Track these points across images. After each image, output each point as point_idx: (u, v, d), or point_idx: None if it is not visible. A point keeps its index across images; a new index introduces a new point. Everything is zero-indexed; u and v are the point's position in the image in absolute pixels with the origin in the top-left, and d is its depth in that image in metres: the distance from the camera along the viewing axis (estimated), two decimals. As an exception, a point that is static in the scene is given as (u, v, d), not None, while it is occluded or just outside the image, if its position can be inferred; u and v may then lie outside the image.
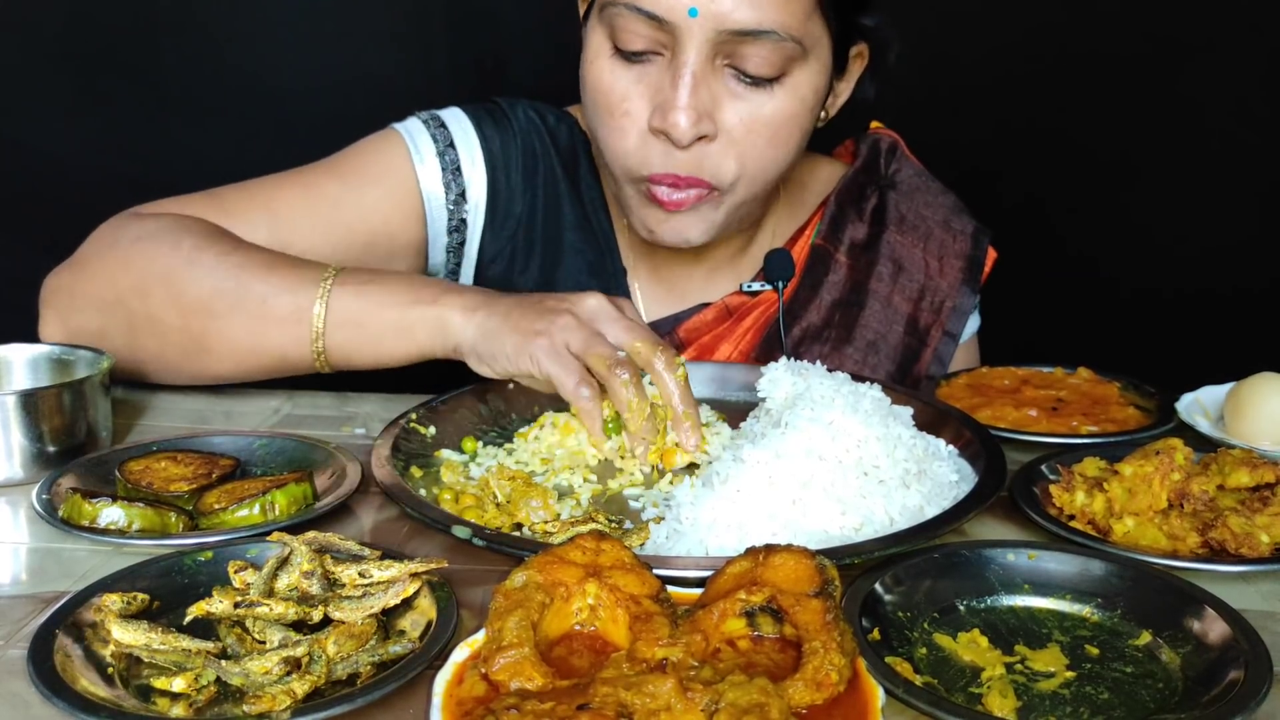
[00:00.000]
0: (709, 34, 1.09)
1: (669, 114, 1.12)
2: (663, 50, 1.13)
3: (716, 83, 1.13)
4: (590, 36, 1.18)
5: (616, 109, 1.16)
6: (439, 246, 1.32)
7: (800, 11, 1.11)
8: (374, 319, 1.09)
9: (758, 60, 1.11)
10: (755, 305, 1.34)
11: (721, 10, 1.08)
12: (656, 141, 1.15)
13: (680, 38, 1.10)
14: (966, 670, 0.73)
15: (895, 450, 0.94)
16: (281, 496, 0.92)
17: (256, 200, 1.25)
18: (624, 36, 1.13)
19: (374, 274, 1.13)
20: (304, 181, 1.27)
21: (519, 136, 1.33)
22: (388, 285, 1.11)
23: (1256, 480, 0.94)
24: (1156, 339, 1.94)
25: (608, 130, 1.18)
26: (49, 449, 1.01)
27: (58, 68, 1.89)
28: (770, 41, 1.10)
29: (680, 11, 1.09)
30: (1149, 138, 1.95)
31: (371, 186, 1.28)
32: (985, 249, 1.40)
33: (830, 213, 1.38)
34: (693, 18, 1.08)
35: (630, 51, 1.14)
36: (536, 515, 0.94)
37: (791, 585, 0.71)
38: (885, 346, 1.36)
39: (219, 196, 1.25)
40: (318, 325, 1.09)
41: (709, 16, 1.08)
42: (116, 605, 0.74)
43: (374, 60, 1.90)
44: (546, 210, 1.34)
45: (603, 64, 1.16)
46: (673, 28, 1.10)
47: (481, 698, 0.65)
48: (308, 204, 1.25)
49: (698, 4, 1.08)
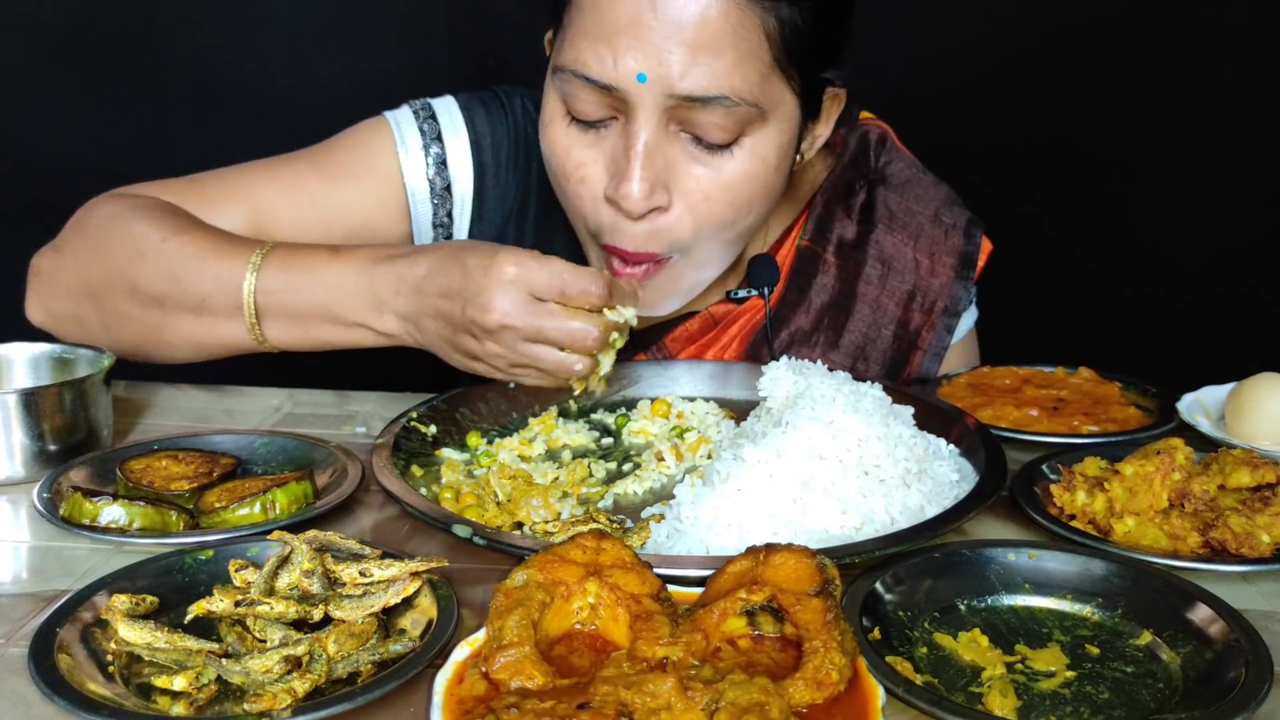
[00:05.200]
0: (659, 100, 1.05)
1: (620, 185, 1.08)
2: (617, 114, 1.09)
3: (672, 148, 1.09)
4: (547, 97, 1.15)
5: (573, 175, 1.13)
6: (425, 240, 1.30)
7: (754, 74, 1.06)
8: (309, 325, 1.11)
9: (711, 126, 1.07)
10: (741, 313, 1.32)
11: (669, 74, 1.04)
12: (608, 210, 1.12)
13: (632, 104, 1.06)
14: (967, 670, 0.73)
15: (896, 449, 0.93)
16: (282, 495, 0.92)
17: (237, 189, 1.24)
18: (575, 104, 1.09)
19: (294, 269, 1.10)
20: (286, 173, 1.25)
21: (513, 129, 1.31)
22: (310, 292, 1.09)
23: (1257, 480, 0.94)
24: (1157, 339, 1.95)
25: (564, 194, 1.16)
26: (50, 447, 1.02)
27: (59, 66, 1.89)
28: (722, 107, 1.05)
29: (629, 78, 1.04)
30: (1149, 139, 1.95)
31: (354, 181, 1.26)
32: (979, 242, 1.35)
33: (816, 212, 1.34)
34: (641, 83, 1.04)
35: (584, 120, 1.11)
36: (537, 514, 0.94)
37: (792, 584, 0.71)
38: (874, 350, 1.33)
39: (199, 182, 1.25)
40: (250, 318, 1.11)
41: (657, 81, 1.04)
42: (125, 606, 0.74)
43: (375, 57, 1.90)
44: (538, 206, 1.32)
45: (558, 128, 1.13)
46: (623, 93, 1.06)
47: (482, 696, 0.65)
48: (288, 197, 1.24)
49: (646, 69, 1.03)
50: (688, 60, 1.03)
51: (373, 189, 1.27)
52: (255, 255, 1.11)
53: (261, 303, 1.10)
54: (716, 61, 1.04)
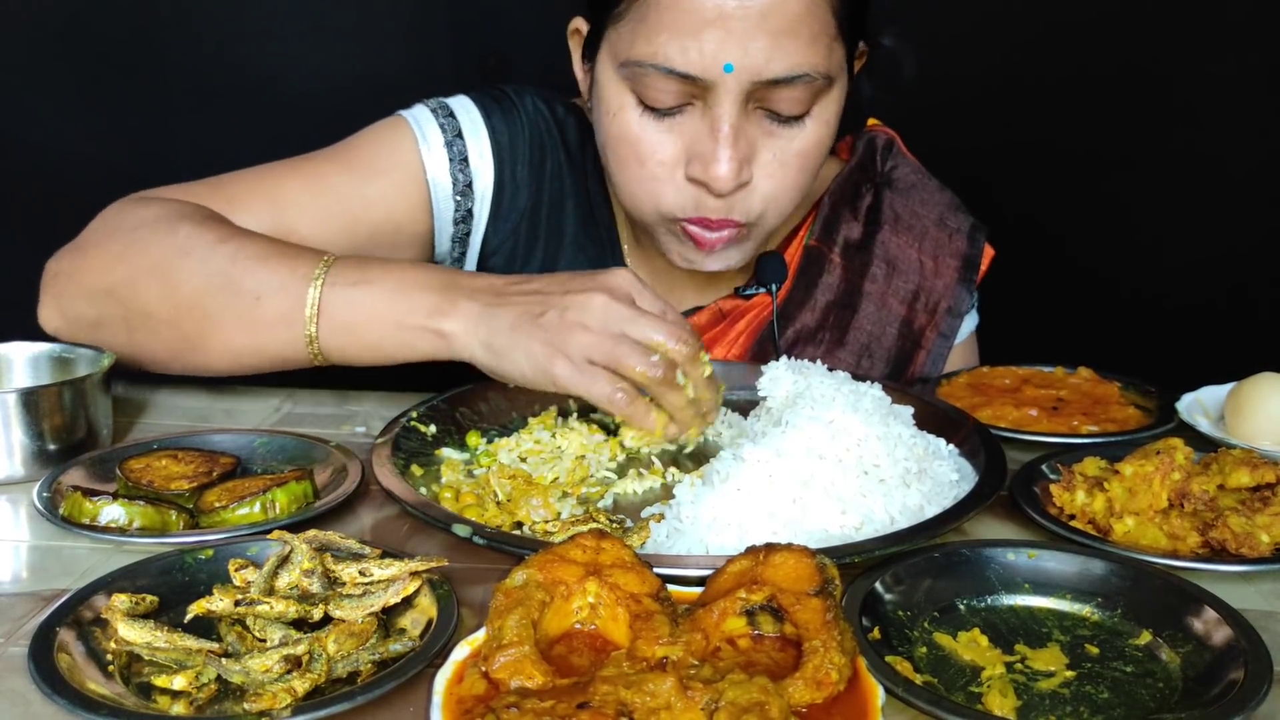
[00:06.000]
0: (744, 86, 1.08)
1: (710, 167, 1.11)
2: (694, 101, 1.11)
3: (752, 127, 1.13)
4: (608, 87, 1.16)
5: (649, 159, 1.15)
6: (445, 236, 1.31)
7: (824, 48, 1.11)
8: (368, 330, 1.06)
9: (789, 101, 1.11)
10: (749, 308, 1.34)
11: (756, 63, 1.07)
12: (691, 188, 1.14)
13: (715, 92, 1.09)
14: (966, 669, 0.73)
15: (895, 449, 0.94)
16: (282, 495, 0.92)
17: (260, 188, 1.23)
18: (653, 95, 1.11)
19: (366, 271, 1.08)
20: (309, 170, 1.25)
21: (527, 128, 1.32)
22: (381, 289, 1.06)
23: (1257, 480, 0.94)
24: (1157, 339, 1.94)
25: (637, 179, 1.17)
26: (50, 447, 1.01)
27: (59, 64, 1.89)
28: (802, 84, 1.10)
29: (715, 69, 1.07)
30: (1149, 139, 1.95)
31: (378, 177, 1.26)
32: (982, 247, 1.38)
33: (824, 213, 1.36)
34: (728, 73, 1.07)
35: (661, 109, 1.12)
36: (537, 514, 0.94)
37: (792, 584, 0.71)
38: (879, 348, 1.35)
39: (222, 184, 1.24)
40: (310, 329, 1.06)
41: (744, 70, 1.07)
42: (125, 605, 0.74)
43: (376, 58, 1.90)
44: (551, 203, 1.33)
45: (629, 117, 1.14)
46: (707, 83, 1.09)
47: (482, 696, 0.65)
48: (312, 194, 1.23)
49: (732, 59, 1.06)
50: (771, 46, 1.07)
51: (396, 184, 1.27)
52: (328, 257, 1.09)
53: (326, 299, 1.06)
54: (796, 42, 1.08)
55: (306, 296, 1.06)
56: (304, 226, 1.22)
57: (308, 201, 1.23)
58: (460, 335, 1.03)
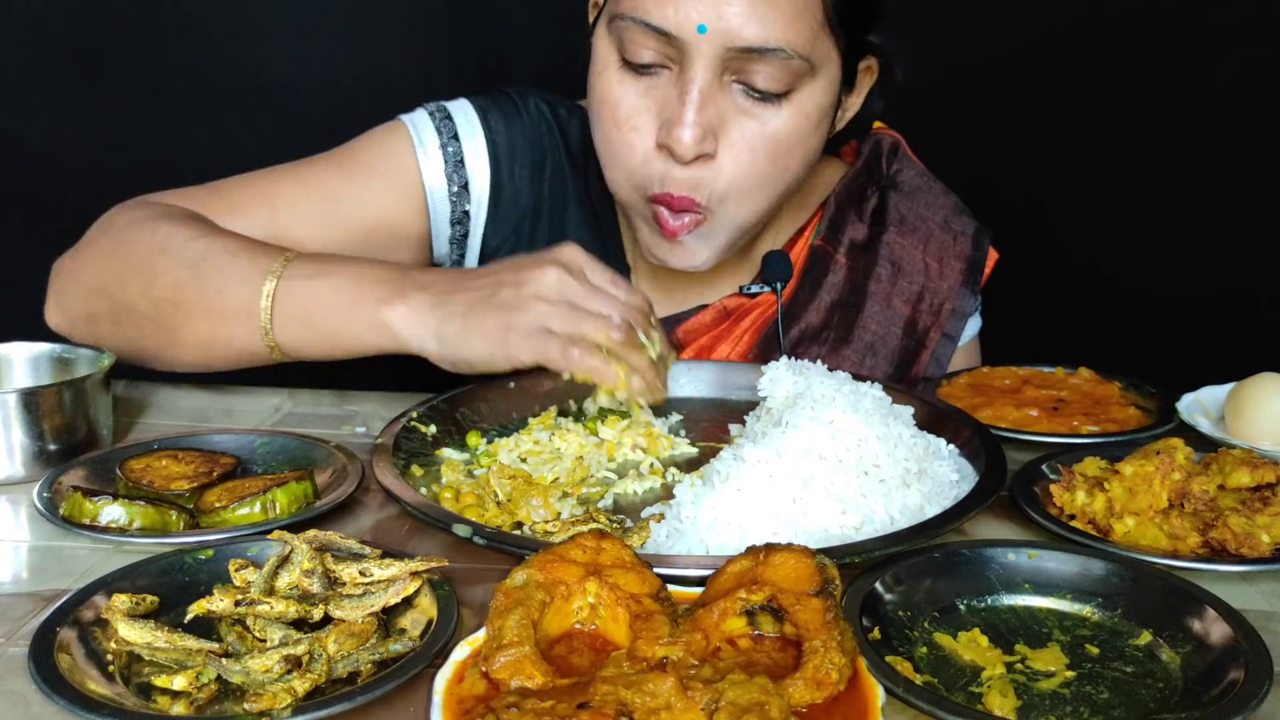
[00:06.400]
0: (717, 50, 1.09)
1: (674, 129, 1.11)
2: (670, 64, 1.13)
3: (724, 99, 1.13)
4: (598, 46, 1.18)
5: (624, 123, 1.16)
6: (443, 238, 1.32)
7: (808, 30, 1.11)
8: (321, 321, 1.07)
9: (765, 76, 1.11)
10: (753, 307, 1.34)
11: (730, 28, 1.08)
12: (659, 158, 1.15)
13: (688, 53, 1.10)
14: (967, 669, 0.73)
15: (896, 449, 0.94)
16: (282, 495, 0.92)
17: (256, 192, 1.25)
18: (632, 49, 1.13)
19: (325, 265, 1.09)
20: (306, 174, 1.27)
21: (528, 129, 1.33)
22: (335, 281, 1.07)
23: (1257, 480, 0.94)
24: (1157, 339, 1.95)
25: (615, 144, 1.18)
26: (50, 447, 1.02)
27: (60, 65, 1.89)
28: (778, 59, 1.10)
29: (689, 28, 1.08)
30: (1149, 141, 1.95)
31: (374, 180, 1.28)
32: (986, 250, 1.39)
33: (829, 214, 1.37)
34: (701, 34, 1.08)
35: (638, 64, 1.14)
36: (537, 514, 0.94)
37: (792, 584, 0.71)
38: (883, 348, 1.36)
39: (220, 188, 1.26)
40: (264, 321, 1.08)
41: (718, 33, 1.08)
42: (125, 605, 0.74)
43: (376, 58, 1.90)
44: (553, 205, 1.34)
45: (610, 75, 1.16)
46: (681, 43, 1.10)
47: (482, 696, 0.65)
48: (308, 197, 1.25)
49: (706, 20, 1.07)
50: (748, 12, 1.08)
51: (392, 186, 1.28)
52: (289, 253, 1.11)
53: (281, 291, 1.08)
54: (774, 14, 1.09)
55: (263, 288, 1.08)
56: (300, 229, 1.24)
57: (304, 205, 1.25)
58: (406, 326, 1.05)
